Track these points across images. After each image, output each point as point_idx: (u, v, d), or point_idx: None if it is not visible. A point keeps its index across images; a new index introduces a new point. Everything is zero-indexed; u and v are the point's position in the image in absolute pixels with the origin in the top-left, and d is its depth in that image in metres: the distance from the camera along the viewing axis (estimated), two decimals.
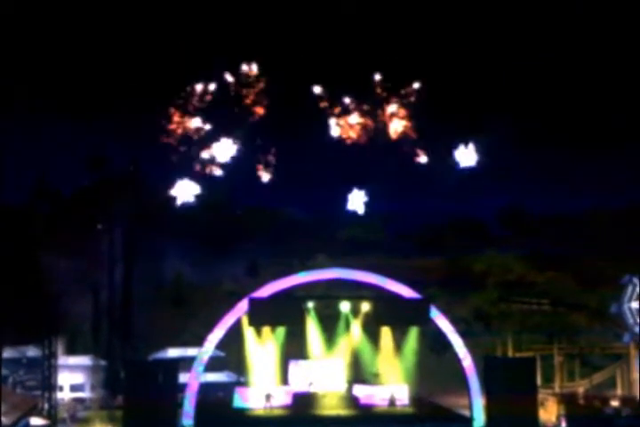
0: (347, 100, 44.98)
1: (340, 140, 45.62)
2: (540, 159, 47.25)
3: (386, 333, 40.41)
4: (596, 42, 45.56)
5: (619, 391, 41.51)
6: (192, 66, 44.29)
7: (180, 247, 47.19)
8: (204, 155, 44.44)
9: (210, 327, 36.67)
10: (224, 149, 44.38)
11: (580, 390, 41.84)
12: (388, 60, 44.42)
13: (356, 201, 44.31)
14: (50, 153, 46.78)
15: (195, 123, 44.71)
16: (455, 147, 44.47)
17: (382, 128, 45.80)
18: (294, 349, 40.58)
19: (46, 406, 36.64)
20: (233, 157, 44.33)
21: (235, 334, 38.30)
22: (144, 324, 45.02)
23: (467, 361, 37.01)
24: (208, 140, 44.51)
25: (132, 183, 49.12)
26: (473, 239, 51.16)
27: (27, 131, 45.62)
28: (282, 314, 36.99)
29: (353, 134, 44.86)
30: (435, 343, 41.64)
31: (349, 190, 45.54)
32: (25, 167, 47.52)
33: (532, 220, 54.02)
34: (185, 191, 44.20)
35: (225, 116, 45.06)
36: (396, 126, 45.88)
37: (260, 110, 44.36)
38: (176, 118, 44.68)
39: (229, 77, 44.34)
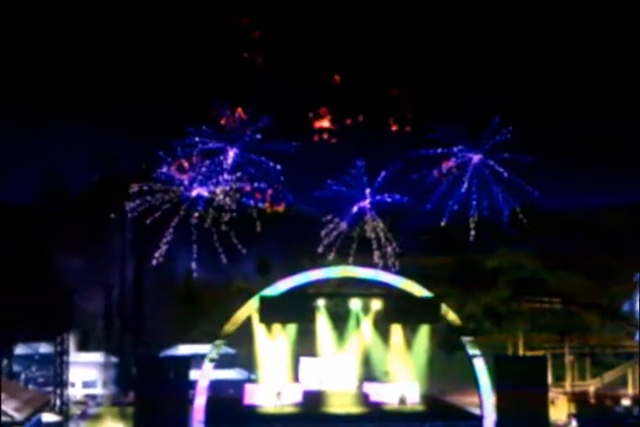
0: None
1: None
2: (552, 158, 47.20)
3: (396, 330, 40.36)
4: (613, 43, 45.67)
5: (630, 390, 41.36)
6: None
7: (190, 246, 47.34)
8: None
9: (220, 325, 36.72)
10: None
11: (591, 388, 41.73)
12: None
13: None
14: (60, 152, 47.05)
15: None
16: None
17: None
18: (305, 346, 40.58)
19: (58, 402, 36.78)
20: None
21: (245, 332, 38.36)
22: (155, 321, 45.16)
23: (477, 359, 36.96)
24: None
25: (143, 181, 49.32)
26: (484, 237, 51.04)
27: (35, 130, 45.92)
28: (292, 312, 36.97)
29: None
30: (445, 341, 41.60)
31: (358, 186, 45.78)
32: (35, 166, 47.80)
33: (544, 218, 53.85)
34: None
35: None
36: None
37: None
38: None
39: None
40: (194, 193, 47.26)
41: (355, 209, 47.99)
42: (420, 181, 47.04)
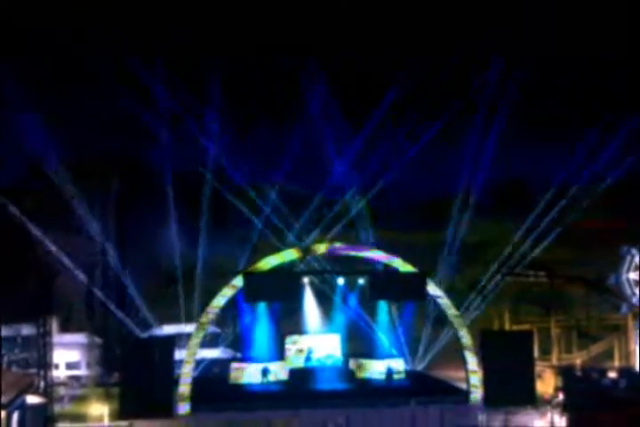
0: None
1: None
2: (534, 129, 46.88)
3: (382, 307, 40.25)
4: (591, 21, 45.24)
5: (616, 363, 41.54)
6: None
7: (174, 223, 46.85)
8: None
9: (205, 303, 36.46)
10: None
11: (578, 361, 41.89)
12: None
13: None
14: (42, 131, 46.36)
15: None
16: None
17: None
18: (290, 324, 40.45)
19: (42, 384, 36.49)
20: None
21: (230, 310, 38.12)
22: (139, 301, 44.81)
23: (463, 334, 36.89)
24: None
25: (125, 161, 48.78)
26: (469, 211, 50.81)
27: (17, 110, 45.23)
28: (278, 289, 36.64)
29: None
30: (431, 317, 41.52)
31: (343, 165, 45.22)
32: (16, 146, 47.12)
33: (529, 191, 53.69)
34: None
35: None
36: None
37: None
38: None
39: None
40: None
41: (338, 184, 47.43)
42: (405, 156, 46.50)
